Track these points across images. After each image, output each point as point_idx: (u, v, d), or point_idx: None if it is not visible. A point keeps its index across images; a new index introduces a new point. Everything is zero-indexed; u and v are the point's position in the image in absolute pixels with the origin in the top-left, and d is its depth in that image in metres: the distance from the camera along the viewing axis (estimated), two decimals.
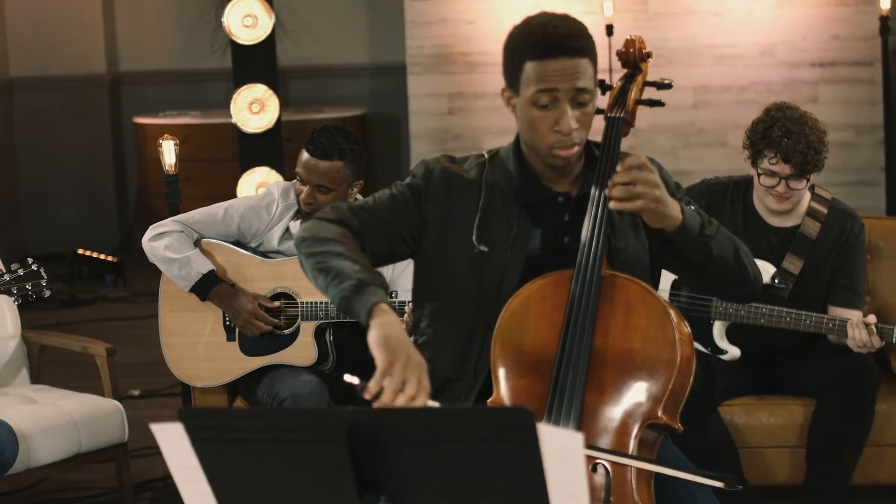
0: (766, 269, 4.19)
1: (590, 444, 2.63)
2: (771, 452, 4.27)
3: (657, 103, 2.94)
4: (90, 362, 4.77)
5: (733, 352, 4.26)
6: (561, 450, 1.97)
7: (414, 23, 8.54)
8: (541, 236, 2.90)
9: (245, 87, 6.68)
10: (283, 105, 9.02)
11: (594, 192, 2.82)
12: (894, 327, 4.05)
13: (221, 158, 8.60)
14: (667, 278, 4.24)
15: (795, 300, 4.21)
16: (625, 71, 2.96)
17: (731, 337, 4.26)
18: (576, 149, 2.80)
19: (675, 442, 4.07)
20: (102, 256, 8.73)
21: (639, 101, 2.92)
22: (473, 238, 2.87)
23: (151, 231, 4.32)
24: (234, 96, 6.68)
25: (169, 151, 4.62)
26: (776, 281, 4.20)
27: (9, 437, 4.12)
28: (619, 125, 2.87)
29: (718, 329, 4.26)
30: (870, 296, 4.51)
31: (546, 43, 2.75)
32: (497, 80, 2.94)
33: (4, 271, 4.25)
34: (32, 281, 4.23)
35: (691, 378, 2.78)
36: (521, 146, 2.92)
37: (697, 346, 4.25)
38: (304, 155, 4.26)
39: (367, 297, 2.63)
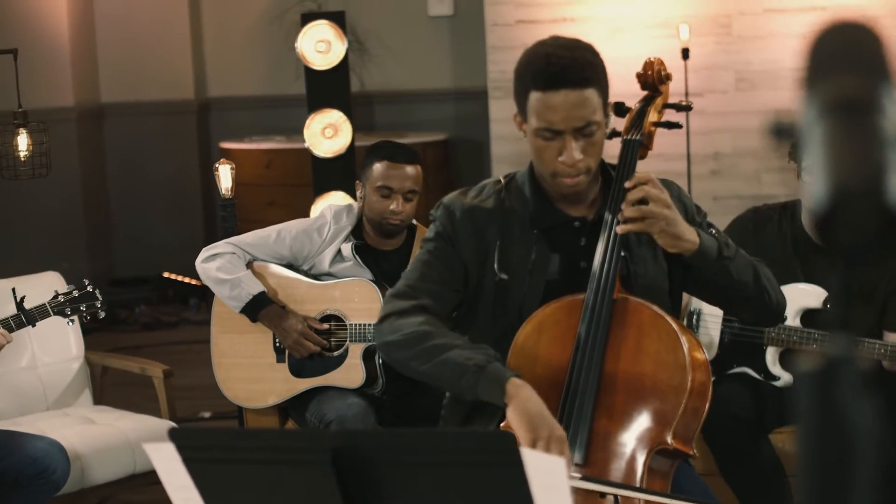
0: (818, 294, 4.12)
1: (596, 476, 2.59)
2: None
3: (675, 125, 2.92)
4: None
5: (786, 378, 4.19)
6: (545, 475, 1.95)
7: (495, 48, 8.55)
8: (559, 261, 2.88)
9: (318, 112, 6.73)
10: (368, 129, 9.10)
11: (607, 215, 2.79)
12: None
13: (303, 183, 8.64)
14: None
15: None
16: (644, 93, 2.93)
17: (785, 363, 4.19)
18: (581, 177, 2.78)
19: (724, 466, 4.02)
20: (188, 280, 8.81)
21: (656, 124, 2.90)
22: (495, 266, 2.87)
23: (205, 252, 4.36)
24: (308, 121, 6.73)
25: (225, 176, 4.66)
26: (828, 306, 4.13)
27: (60, 456, 4.17)
28: (634, 148, 2.85)
29: (771, 355, 4.20)
30: None
31: (548, 74, 2.73)
32: None
33: (60, 293, 4.32)
34: (87, 302, 4.30)
35: (706, 404, 2.72)
36: (535, 171, 2.91)
37: (750, 371, 4.19)
38: (389, 167, 4.21)
39: (491, 377, 2.63)
